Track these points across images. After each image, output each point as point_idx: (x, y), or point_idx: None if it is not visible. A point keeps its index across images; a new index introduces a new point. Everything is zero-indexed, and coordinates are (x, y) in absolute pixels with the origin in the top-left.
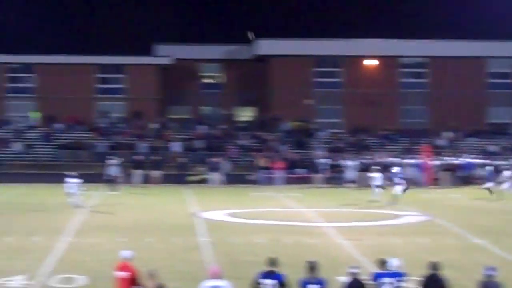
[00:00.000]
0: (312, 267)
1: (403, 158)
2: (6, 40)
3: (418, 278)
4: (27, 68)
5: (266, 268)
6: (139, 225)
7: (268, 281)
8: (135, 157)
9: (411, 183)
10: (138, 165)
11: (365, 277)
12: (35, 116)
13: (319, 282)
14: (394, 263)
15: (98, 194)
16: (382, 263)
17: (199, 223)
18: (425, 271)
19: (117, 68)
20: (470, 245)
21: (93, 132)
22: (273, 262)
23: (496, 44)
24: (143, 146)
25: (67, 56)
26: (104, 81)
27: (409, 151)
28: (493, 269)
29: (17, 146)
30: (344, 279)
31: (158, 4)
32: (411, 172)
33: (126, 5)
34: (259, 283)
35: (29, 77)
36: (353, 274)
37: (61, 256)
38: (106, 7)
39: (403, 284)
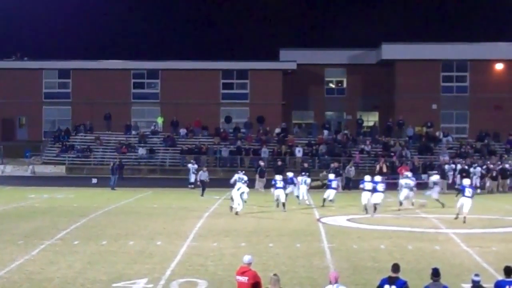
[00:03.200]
0: (436, 274)
1: None
2: (132, 47)
3: None
4: (152, 74)
5: (389, 274)
6: (261, 229)
7: (391, 287)
8: (259, 162)
9: None
10: (262, 170)
11: (488, 285)
12: (160, 121)
13: None
14: None
15: (221, 199)
16: (508, 270)
17: (321, 229)
18: None
19: (241, 73)
20: None
21: (217, 137)
22: (395, 268)
23: None
24: (266, 151)
25: (192, 62)
26: (228, 86)
27: None
28: None
29: (142, 151)
30: (468, 286)
31: (283, 9)
32: None
33: (251, 11)
34: None
35: (154, 82)
36: (476, 281)
37: (182, 260)
38: (231, 13)
39: None
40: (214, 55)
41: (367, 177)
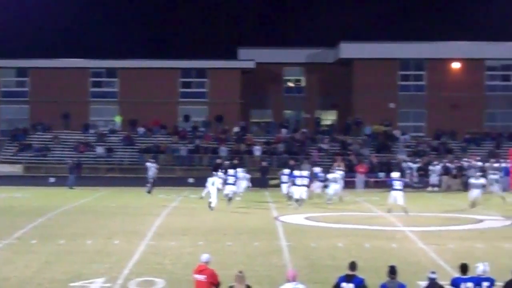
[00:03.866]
0: (392, 271)
1: (487, 162)
2: (89, 45)
3: (501, 284)
4: (110, 72)
5: (346, 272)
6: (219, 228)
7: (348, 285)
8: (216, 161)
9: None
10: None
11: (444, 282)
12: (118, 120)
13: (399, 287)
14: (480, 268)
15: (179, 197)
16: (463, 268)
17: (279, 227)
18: (507, 277)
19: (200, 72)
20: None
21: (175, 136)
22: (353, 266)
23: None
24: (224, 150)
25: (150, 61)
26: (187, 85)
27: (494, 155)
28: None
29: (100, 150)
30: (424, 284)
31: (241, 8)
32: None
33: (209, 10)
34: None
35: (112, 81)
36: (432, 279)
37: (140, 259)
38: (189, 11)
39: None
40: (172, 54)
41: (286, 171)
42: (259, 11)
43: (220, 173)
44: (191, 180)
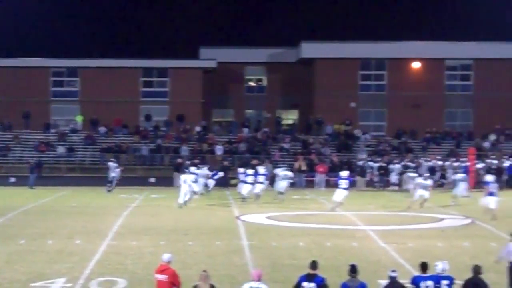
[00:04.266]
0: (353, 270)
1: (447, 161)
2: (50, 45)
3: (461, 282)
4: (72, 72)
5: (307, 271)
6: (180, 228)
7: (310, 285)
8: (177, 160)
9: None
10: (179, 168)
11: (404, 281)
12: (79, 119)
13: (360, 285)
14: (439, 267)
15: (141, 197)
16: (423, 266)
17: (240, 227)
18: (467, 275)
19: (161, 71)
20: None
21: (137, 136)
22: (314, 265)
23: None
24: (186, 149)
25: (111, 60)
26: (148, 84)
27: (453, 154)
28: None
29: (61, 150)
30: (385, 282)
31: (202, 7)
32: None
33: (171, 9)
34: (301, 287)
35: (73, 81)
36: (392, 277)
37: (102, 259)
38: (151, 11)
39: None
40: (134, 53)
41: (241, 169)
42: (221, 11)
43: (193, 170)
44: (152, 179)
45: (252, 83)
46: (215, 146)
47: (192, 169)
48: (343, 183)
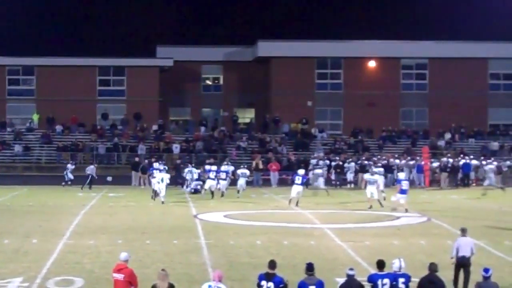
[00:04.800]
0: (310, 268)
1: (402, 159)
2: (6, 43)
3: (417, 280)
4: (27, 70)
5: (266, 270)
6: (138, 227)
7: (268, 284)
8: (135, 159)
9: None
10: (137, 166)
11: (361, 279)
12: (35, 118)
13: (317, 283)
14: (396, 265)
15: (98, 196)
16: (380, 264)
17: (198, 225)
18: (423, 273)
19: (118, 70)
20: None
21: (93, 134)
22: (272, 264)
23: (497, 45)
24: (143, 148)
25: (68, 58)
26: (105, 83)
27: (409, 152)
28: (487, 270)
29: (17, 148)
30: (342, 280)
31: (159, 6)
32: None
33: (128, 8)
34: (260, 286)
35: (29, 79)
36: (350, 275)
37: (58, 258)
38: (108, 9)
39: (409, 286)
40: (90, 52)
41: (207, 167)
42: (178, 10)
43: (157, 166)
44: (109, 178)
45: (209, 82)
46: (172, 144)
47: (156, 165)
48: (299, 180)
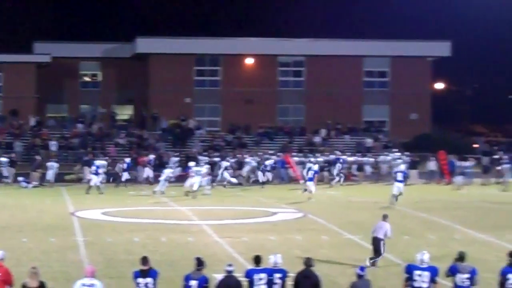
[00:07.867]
0: (200, 263)
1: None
2: None
3: (293, 275)
4: None
5: (140, 267)
6: (14, 224)
7: (145, 280)
8: (11, 156)
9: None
10: (13, 163)
11: (239, 275)
12: None
13: (200, 279)
14: (272, 260)
15: None
16: (257, 260)
17: (75, 223)
18: (299, 268)
19: None
20: (343, 241)
21: None
22: (145, 261)
23: (372, 43)
24: (19, 144)
25: None
26: None
27: (286, 149)
28: (362, 268)
29: None
30: (220, 276)
31: (36, 1)
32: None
33: (3, 2)
34: (137, 283)
35: None
36: (229, 271)
37: None
38: None
39: (285, 281)
40: None
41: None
42: (55, 5)
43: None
44: None
45: (87, 78)
46: (49, 141)
47: (98, 162)
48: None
